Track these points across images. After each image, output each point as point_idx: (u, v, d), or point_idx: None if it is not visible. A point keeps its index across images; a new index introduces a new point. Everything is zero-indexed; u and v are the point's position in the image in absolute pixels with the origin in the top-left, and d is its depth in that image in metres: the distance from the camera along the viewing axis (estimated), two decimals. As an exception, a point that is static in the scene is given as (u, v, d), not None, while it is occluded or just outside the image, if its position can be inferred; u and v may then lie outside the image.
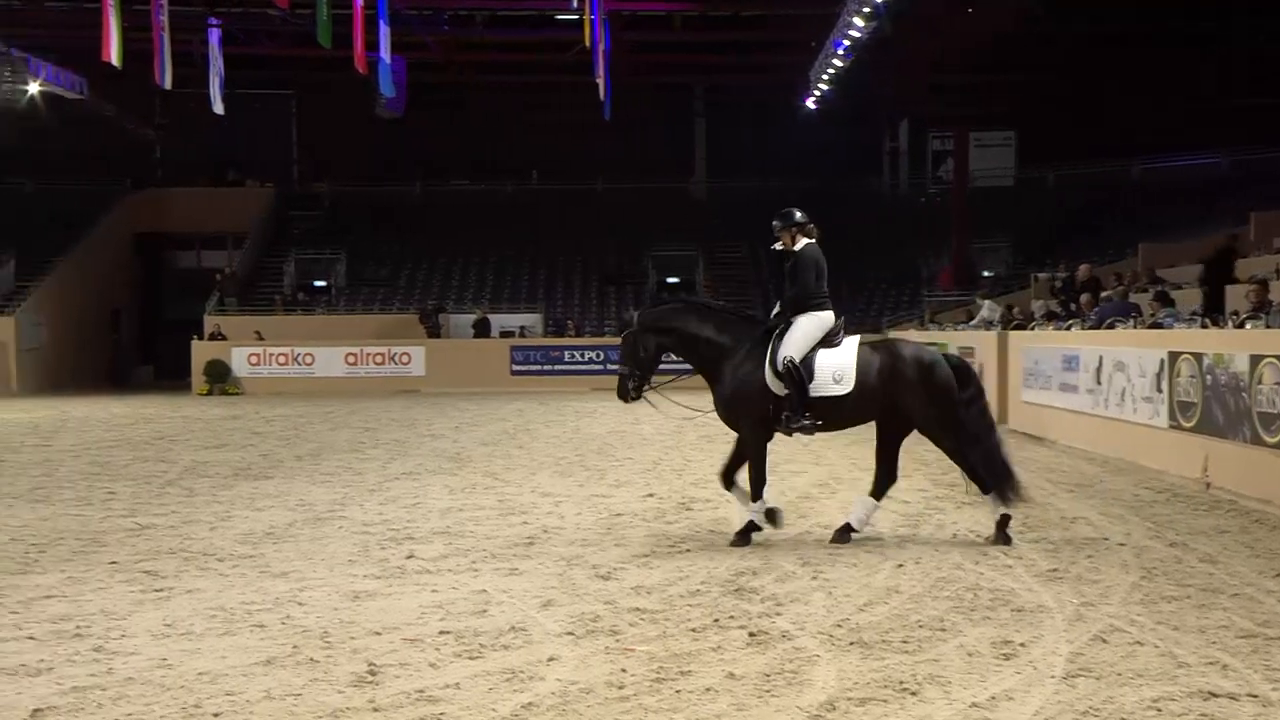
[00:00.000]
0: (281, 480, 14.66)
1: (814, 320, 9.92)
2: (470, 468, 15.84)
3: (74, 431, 22.34)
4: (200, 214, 45.06)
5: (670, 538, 10.32)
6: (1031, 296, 30.23)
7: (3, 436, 21.27)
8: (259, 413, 27.11)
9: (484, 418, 24.97)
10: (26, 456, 17.72)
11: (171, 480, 14.71)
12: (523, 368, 35.94)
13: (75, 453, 18.24)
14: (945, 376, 9.78)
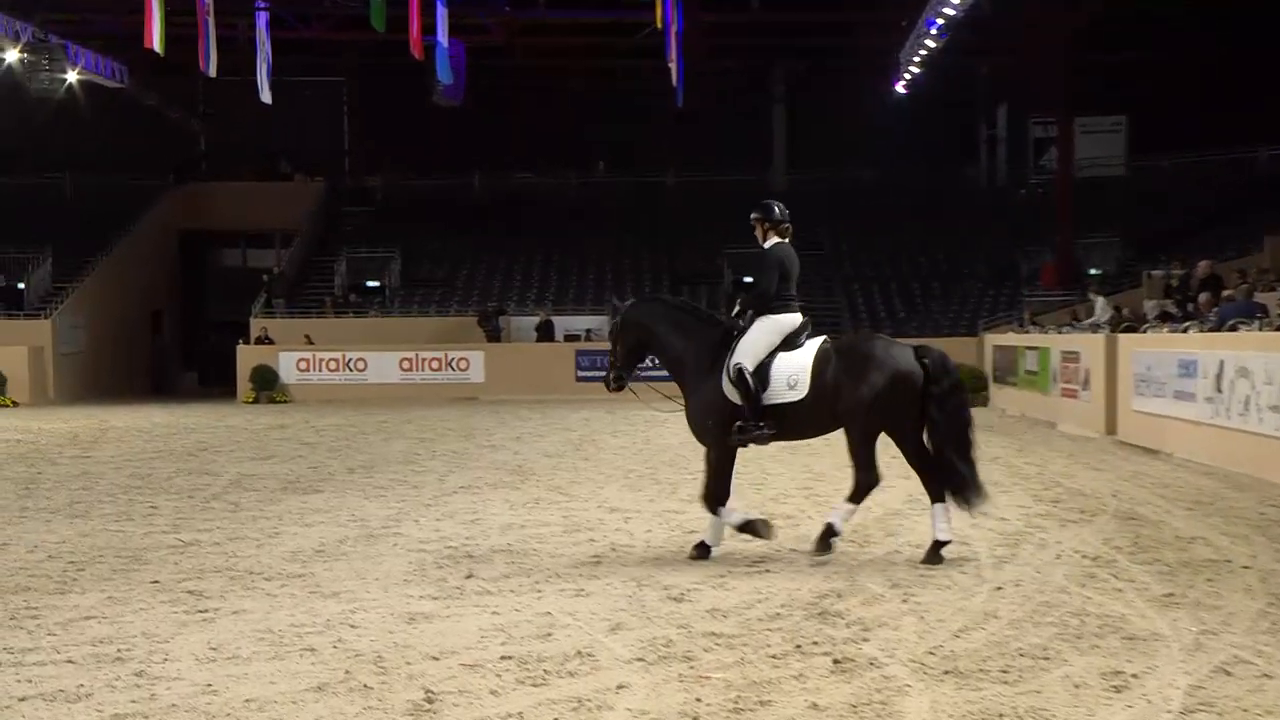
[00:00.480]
0: (332, 494, 14.82)
1: (771, 323, 10.12)
2: (533, 481, 15.90)
3: (114, 442, 22.73)
4: (246, 210, 45.66)
5: (748, 557, 10.29)
6: (1144, 296, 29.82)
7: (40, 447, 21.69)
8: (308, 422, 27.43)
9: (547, 427, 25.09)
10: (65, 468, 18.06)
11: (216, 494, 14.92)
12: (589, 374, 36.02)
13: (115, 464, 18.56)
14: (907, 371, 9.75)
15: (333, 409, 32.27)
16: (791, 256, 10.29)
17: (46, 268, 40.37)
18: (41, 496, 14.78)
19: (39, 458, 19.64)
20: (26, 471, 17.60)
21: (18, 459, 19.47)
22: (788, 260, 10.24)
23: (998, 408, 29.52)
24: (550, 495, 14.45)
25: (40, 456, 19.86)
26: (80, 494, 14.99)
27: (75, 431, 25.19)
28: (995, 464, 17.13)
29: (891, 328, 38.71)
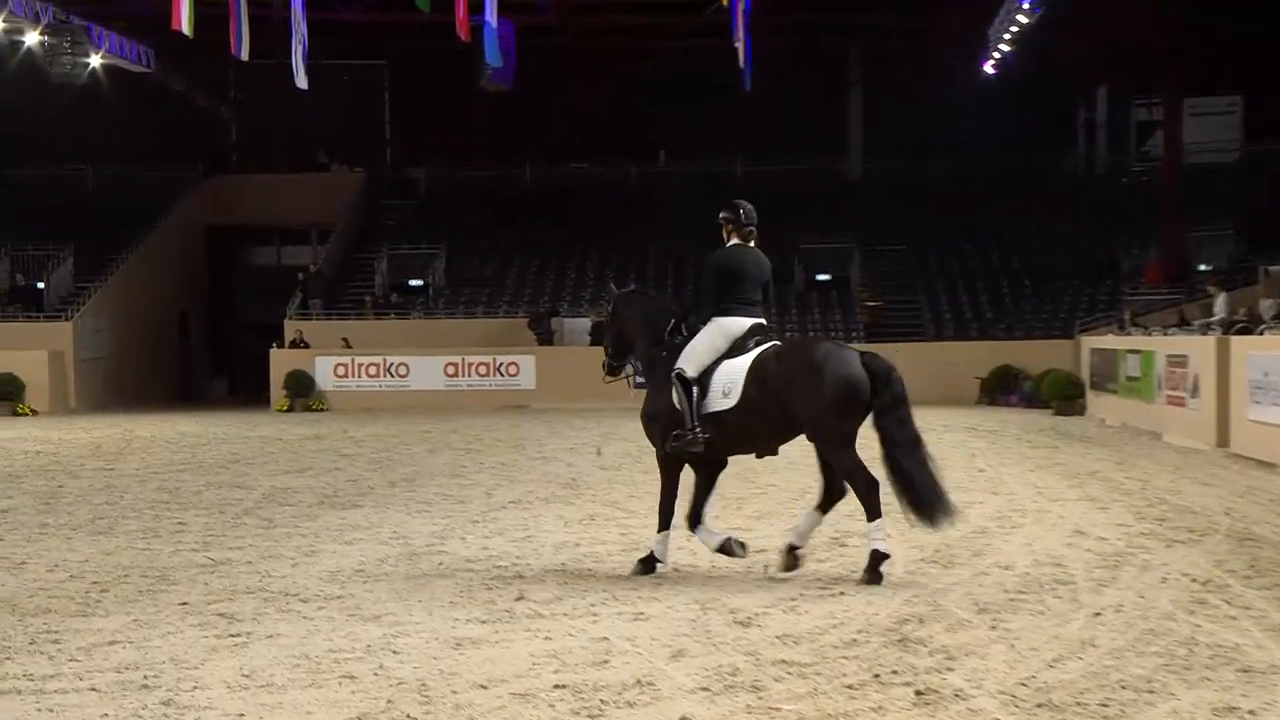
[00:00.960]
0: (373, 510, 14.93)
1: (717, 328, 10.57)
2: (588, 496, 15.94)
3: (139, 453, 23.00)
4: (280, 203, 46.00)
5: (821, 578, 10.27)
6: (1260, 295, 29.46)
7: (61, 459, 22.01)
8: (346, 432, 27.64)
9: (603, 438, 25.19)
10: (87, 482, 18.30)
11: (248, 509, 15.08)
12: (649, 380, 36.11)
13: (141, 477, 18.79)
14: (845, 378, 9.98)
15: (373, 418, 32.51)
16: (745, 260, 10.70)
17: (67, 266, 40.83)
18: (62, 512, 14.99)
19: (59, 470, 19.92)
20: (46, 485, 17.86)
21: (37, 471, 19.76)
22: (737, 264, 10.66)
23: (1095, 417, 29.23)
24: (607, 511, 14.48)
25: (61, 469, 20.14)
26: (103, 509, 15.19)
27: (98, 442, 25.52)
28: (1094, 478, 16.99)
29: (977, 329, 38.51)
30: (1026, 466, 18.70)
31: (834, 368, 10.05)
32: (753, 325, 10.59)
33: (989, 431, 25.63)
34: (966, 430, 25.87)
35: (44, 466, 20.54)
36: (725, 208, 10.97)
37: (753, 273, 10.70)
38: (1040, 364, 33.89)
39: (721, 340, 10.55)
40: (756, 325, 10.60)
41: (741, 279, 10.64)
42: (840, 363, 10.09)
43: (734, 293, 10.63)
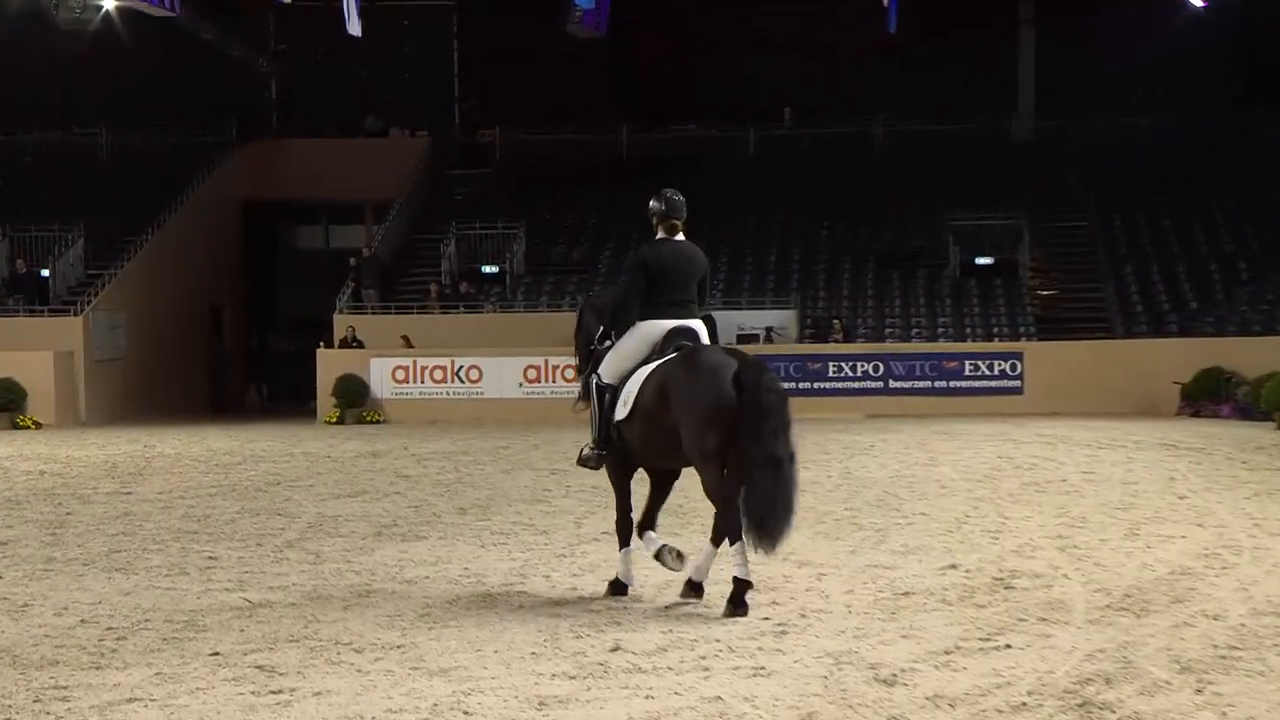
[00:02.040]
0: (439, 541, 15.04)
1: (637, 331, 11.73)
2: (698, 525, 15.90)
3: (162, 474, 23.31)
4: (330, 174, 46.46)
5: (982, 627, 10.20)
6: None
7: (70, 481, 22.37)
8: (408, 448, 27.82)
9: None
10: (100, 508, 18.57)
11: (291, 541, 15.24)
12: (770, 387, 36.06)
13: (164, 503, 19.05)
14: (707, 391, 10.95)
15: (439, 431, 32.71)
16: (671, 255, 11.87)
17: (77, 250, 41.29)
18: (72, 544, 15.21)
19: (68, 494, 20.24)
20: (53, 512, 18.13)
21: (42, 496, 20.09)
22: (661, 260, 11.81)
23: (1326, 433, 28.77)
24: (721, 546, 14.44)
25: (70, 493, 20.45)
26: (120, 541, 15.41)
27: (113, 460, 25.90)
28: None
29: (1177, 324, 37.96)
30: (1241, 493, 18.40)
31: (699, 380, 11.03)
32: (673, 329, 11.65)
33: (1192, 449, 25.27)
34: (1163, 448, 25.54)
35: (50, 490, 20.88)
36: (653, 197, 12.30)
37: (679, 269, 11.81)
38: (1258, 367, 33.32)
39: (642, 344, 11.69)
40: (678, 329, 11.66)
41: (666, 277, 11.75)
42: (707, 375, 11.04)
43: (657, 292, 11.72)
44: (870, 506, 17.46)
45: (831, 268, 42.39)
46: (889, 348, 37.27)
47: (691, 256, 11.98)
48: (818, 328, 39.16)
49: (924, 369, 36.25)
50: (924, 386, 36.23)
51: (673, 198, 12.32)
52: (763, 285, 41.21)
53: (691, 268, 11.89)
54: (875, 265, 41.97)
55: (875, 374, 36.12)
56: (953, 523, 15.85)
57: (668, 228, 12.18)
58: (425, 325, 39.49)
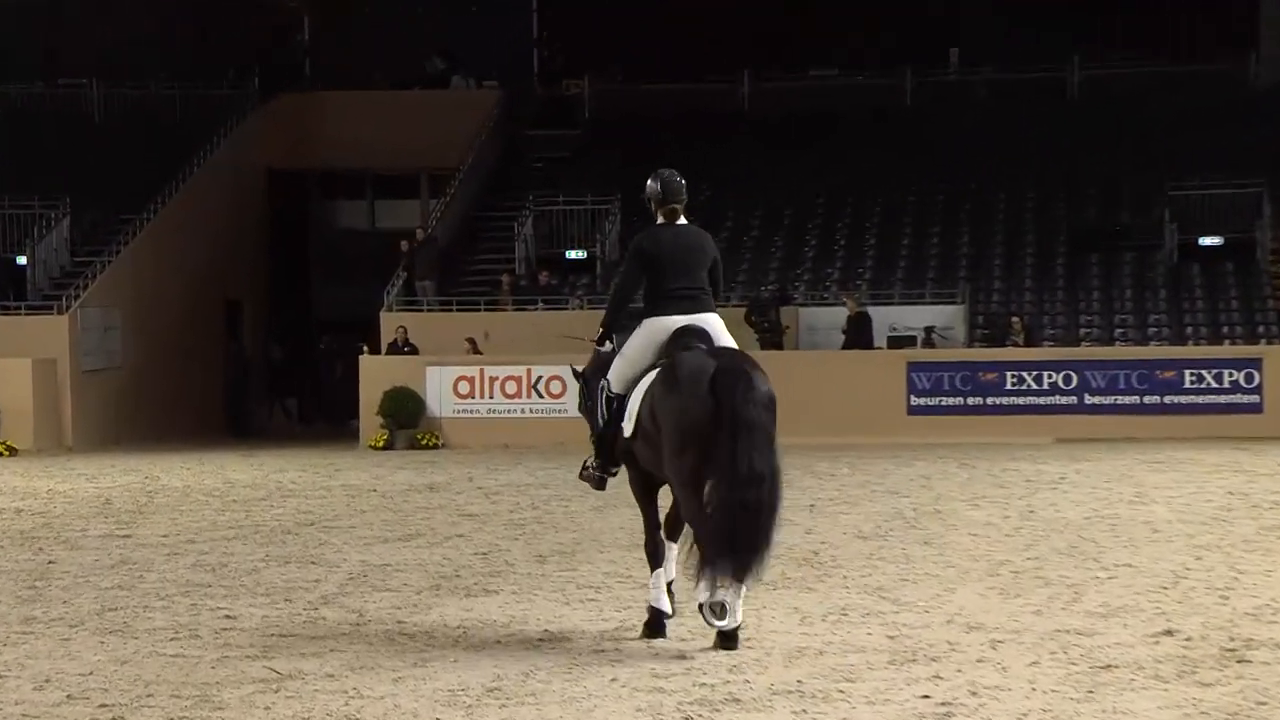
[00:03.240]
0: (512, 597, 15.07)
1: (642, 332, 12.75)
2: (837, 577, 15.88)
3: (167, 512, 23.49)
4: (376, 137, 46.69)
5: (1208, 712, 10.09)
6: None
7: (53, 521, 22.57)
8: (473, 480, 27.88)
9: (862, 489, 25.16)
10: (92, 555, 18.70)
11: (328, 597, 15.31)
12: (929, 400, 35.84)
13: (170, 548, 19.17)
14: (676, 402, 11.94)
15: (512, 458, 32.80)
16: (671, 242, 12.86)
17: (61, 231, 41.69)
18: (55, 600, 15.32)
19: (51, 538, 20.40)
20: (32, 561, 18.28)
21: (19, 540, 20.29)
22: (659, 249, 12.81)
23: None
24: (866, 601, 14.44)
25: (53, 536, 20.61)
26: (116, 596, 15.51)
27: (107, 495, 26.13)
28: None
29: None
30: None
31: (672, 393, 12.02)
32: (682, 327, 12.58)
33: None
34: None
35: (28, 533, 21.07)
36: (650, 178, 13.21)
37: (683, 257, 12.80)
38: None
39: (648, 346, 12.69)
40: (687, 327, 12.58)
41: (668, 267, 12.72)
42: (681, 386, 11.99)
43: (661, 285, 12.71)
44: (1060, 555, 17.33)
45: (1011, 251, 42.07)
46: (1084, 353, 36.99)
47: (696, 243, 12.97)
48: (992, 328, 38.91)
49: (1130, 380, 35.69)
50: (1130, 403, 35.70)
51: (670, 178, 13.20)
52: (921, 273, 41.04)
53: (697, 255, 12.86)
54: (1067, 248, 41.64)
55: (1066, 387, 35.74)
56: (1168, 577, 15.70)
57: (667, 212, 13.10)
58: (495, 325, 39.54)
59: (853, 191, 43.91)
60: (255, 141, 46.66)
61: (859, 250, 42.44)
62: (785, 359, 37.38)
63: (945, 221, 42.95)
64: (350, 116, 46.82)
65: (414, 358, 37.99)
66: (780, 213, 43.75)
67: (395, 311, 39.92)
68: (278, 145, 47.01)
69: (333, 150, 47.18)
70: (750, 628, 13.36)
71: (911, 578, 15.94)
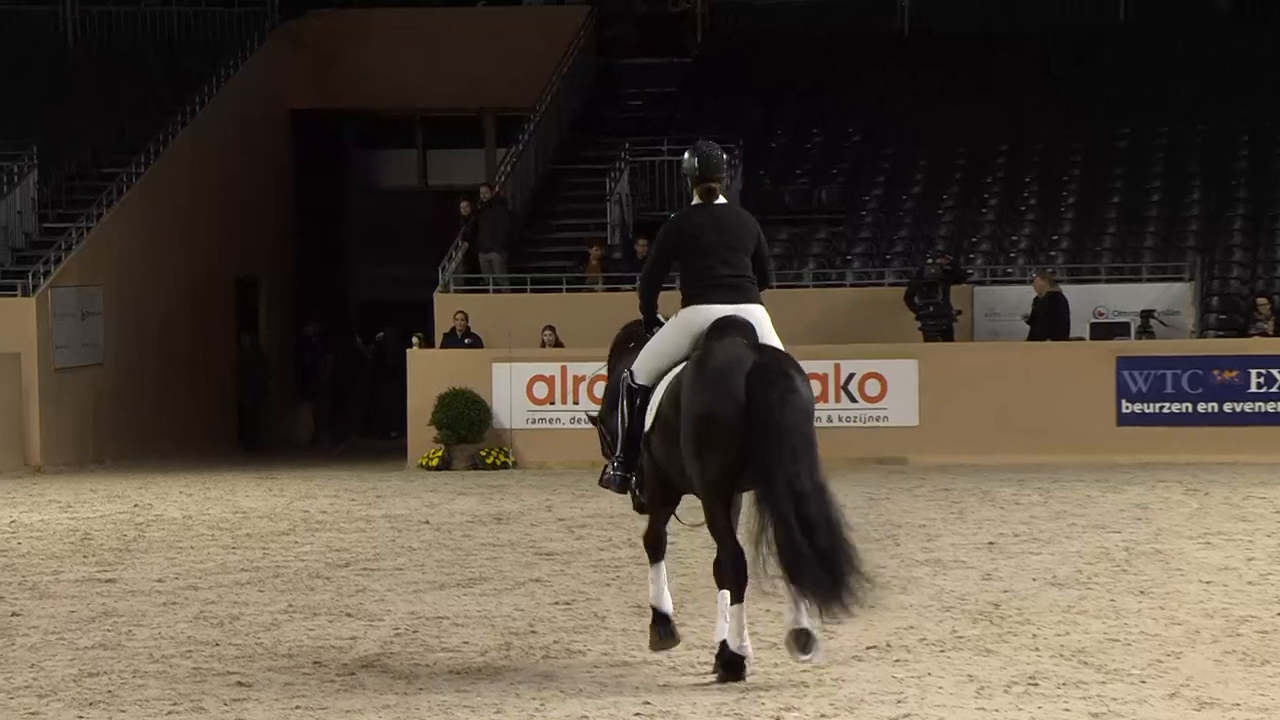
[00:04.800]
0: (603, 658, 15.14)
1: (678, 321, 14.13)
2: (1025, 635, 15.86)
3: (163, 550, 23.67)
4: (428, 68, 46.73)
5: None
6: None
7: (16, 561, 22.78)
8: (552, 508, 27.96)
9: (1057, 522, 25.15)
10: (66, 606, 18.84)
11: (368, 658, 15.39)
12: (1146, 407, 35.68)
13: (167, 596, 19.31)
14: (699, 402, 13.28)
15: (599, 479, 32.78)
16: (708, 223, 14.12)
17: (26, 189, 41.74)
18: (21, 663, 15.42)
19: (15, 584, 20.59)
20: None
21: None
22: (695, 231, 14.11)
23: None
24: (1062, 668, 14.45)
25: (17, 581, 20.81)
26: (98, 658, 15.58)
27: (86, 529, 26.33)
28: None
29: None
30: None
31: (701, 387, 13.35)
32: (721, 318, 13.79)
33: None
34: None
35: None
36: (687, 152, 14.55)
37: (722, 240, 14.04)
38: None
39: (682, 337, 14.02)
40: (726, 318, 13.79)
41: (705, 250, 14.00)
42: (710, 380, 13.34)
43: (698, 271, 14.00)
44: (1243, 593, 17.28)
45: (1256, 212, 41.68)
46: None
47: (737, 223, 14.25)
48: (1231, 312, 38.60)
49: None
50: None
51: (710, 151, 14.48)
52: (1136, 241, 40.78)
53: (738, 236, 14.09)
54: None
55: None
56: None
57: (704, 191, 14.31)
58: (580, 311, 39.42)
59: (1046, 134, 43.72)
60: (274, 74, 46.82)
61: (1053, 210, 42.19)
62: (955, 353, 37.42)
63: (1169, 174, 42.66)
64: (395, 42, 46.84)
65: (477, 352, 38.01)
66: (951, 162, 43.62)
67: (453, 293, 39.93)
68: (302, 79, 47.12)
69: (373, 86, 47.23)
70: (911, 700, 13.41)
71: (1123, 638, 15.89)
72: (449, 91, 47.15)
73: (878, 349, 37.34)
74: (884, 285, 39.46)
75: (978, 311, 38.71)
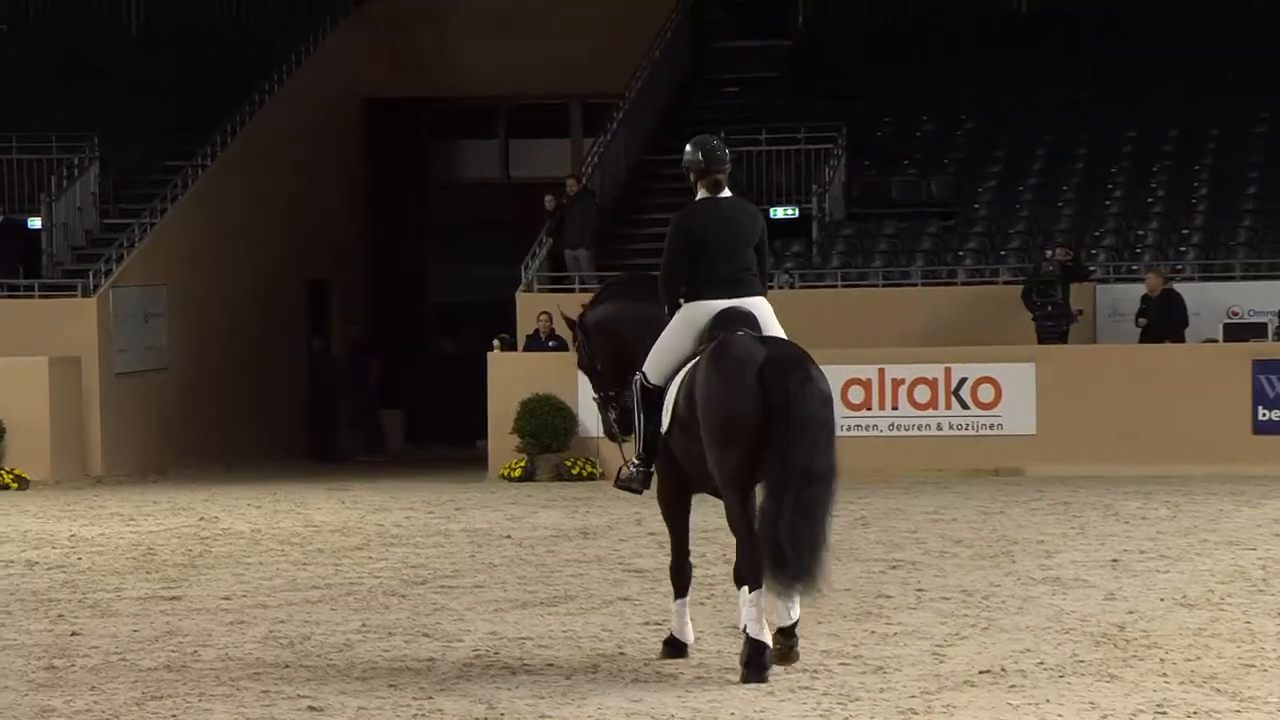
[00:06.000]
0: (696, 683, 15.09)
1: (681, 318, 15.17)
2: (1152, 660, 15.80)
3: (230, 566, 23.78)
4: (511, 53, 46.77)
5: None
6: None
7: (76, 578, 22.88)
8: (642, 521, 27.96)
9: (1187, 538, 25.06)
10: (129, 624, 18.95)
11: (445, 682, 15.41)
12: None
13: (234, 615, 19.41)
14: (719, 393, 14.40)
15: (694, 493, 32.80)
16: (714, 219, 15.17)
17: (88, 184, 41.94)
18: (81, 685, 15.48)
19: (75, 601, 20.67)
20: (49, 632, 18.53)
21: (33, 605, 20.57)
22: (702, 226, 15.14)
23: None
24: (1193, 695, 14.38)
25: (77, 599, 20.89)
26: (162, 680, 15.65)
27: (149, 543, 26.46)
28: None
29: None
30: None
31: (718, 381, 14.41)
32: (723, 311, 14.93)
33: None
34: None
35: (43, 594, 21.37)
36: (688, 145, 15.46)
37: (728, 235, 15.08)
38: None
39: (687, 334, 15.12)
40: (730, 312, 14.92)
41: (712, 246, 15.03)
42: (726, 375, 14.41)
43: (704, 266, 15.04)
44: None
45: None
46: None
47: (743, 219, 15.26)
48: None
49: None
50: None
51: (712, 144, 15.45)
52: (1276, 237, 40.52)
53: (744, 233, 15.15)
54: None
55: None
56: None
57: (710, 184, 15.25)
58: (672, 310, 39.51)
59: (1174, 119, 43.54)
60: (347, 61, 46.90)
61: (1183, 202, 41.98)
62: (1075, 356, 37.33)
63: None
64: (476, 25, 46.86)
65: (562, 355, 38.01)
66: (1071, 150, 43.50)
67: (536, 292, 40.00)
68: (377, 66, 47.21)
69: (452, 72, 47.32)
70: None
71: (1258, 663, 15.80)
72: (533, 77, 47.18)
73: (992, 352, 37.27)
74: (998, 283, 39.34)
75: (1100, 311, 38.56)
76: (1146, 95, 43.93)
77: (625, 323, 16.14)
